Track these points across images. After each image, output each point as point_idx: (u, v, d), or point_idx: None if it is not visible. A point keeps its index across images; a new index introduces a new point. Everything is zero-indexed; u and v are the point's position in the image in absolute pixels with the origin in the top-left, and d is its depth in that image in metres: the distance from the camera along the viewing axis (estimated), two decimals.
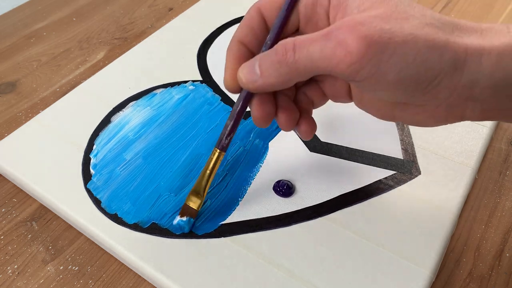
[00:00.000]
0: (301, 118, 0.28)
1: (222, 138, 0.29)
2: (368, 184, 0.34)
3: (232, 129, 0.28)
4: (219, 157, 0.30)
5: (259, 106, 0.27)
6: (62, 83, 0.46)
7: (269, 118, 0.27)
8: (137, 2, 0.57)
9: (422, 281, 0.28)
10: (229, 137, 0.29)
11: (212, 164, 0.30)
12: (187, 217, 0.31)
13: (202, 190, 0.31)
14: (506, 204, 0.34)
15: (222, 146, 0.29)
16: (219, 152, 0.29)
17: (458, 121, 0.24)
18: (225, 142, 0.29)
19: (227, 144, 0.29)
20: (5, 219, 0.34)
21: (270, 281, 0.29)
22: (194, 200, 0.31)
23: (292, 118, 0.27)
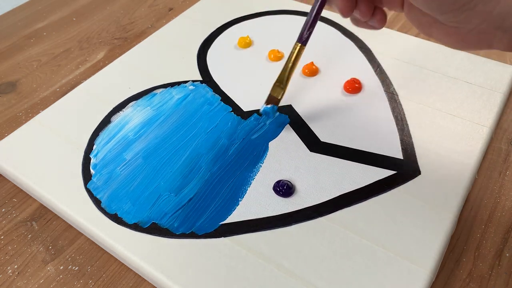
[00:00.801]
0: (375, 10, 0.31)
1: (303, 32, 0.32)
2: (368, 184, 0.34)
3: (313, 24, 0.32)
4: (300, 50, 0.33)
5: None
6: (62, 83, 0.46)
7: (350, 9, 0.30)
8: (137, 2, 0.58)
9: (422, 281, 0.28)
10: (309, 31, 0.32)
11: (294, 56, 0.33)
12: (272, 104, 0.36)
13: (284, 80, 0.34)
14: (506, 204, 0.34)
15: (302, 40, 0.32)
16: (300, 45, 0.33)
17: (486, 49, 0.26)
18: (305, 36, 0.32)
19: (307, 37, 0.32)
20: (5, 219, 0.34)
21: (270, 281, 0.29)
22: (277, 91, 0.35)
23: (371, 6, 0.31)
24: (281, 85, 0.35)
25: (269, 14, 0.52)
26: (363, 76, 0.43)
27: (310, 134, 0.38)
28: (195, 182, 0.34)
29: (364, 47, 0.46)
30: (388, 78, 0.43)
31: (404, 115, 0.39)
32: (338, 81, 0.43)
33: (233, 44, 0.48)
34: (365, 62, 0.45)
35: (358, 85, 0.41)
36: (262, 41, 0.48)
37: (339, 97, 0.41)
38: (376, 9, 0.31)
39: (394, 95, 0.41)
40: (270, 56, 0.46)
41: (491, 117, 0.39)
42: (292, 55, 0.33)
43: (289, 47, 0.46)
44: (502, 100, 0.40)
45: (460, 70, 0.43)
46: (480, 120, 0.38)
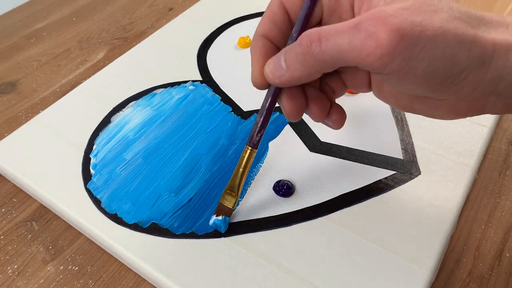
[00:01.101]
0: (330, 108, 0.28)
1: (253, 135, 0.29)
2: (368, 184, 0.34)
3: (263, 126, 0.28)
4: (251, 154, 0.30)
5: (290, 100, 0.26)
6: (62, 83, 0.46)
7: (300, 111, 0.27)
8: (137, 2, 0.58)
9: (422, 281, 0.28)
10: (259, 134, 0.29)
11: (245, 162, 0.30)
12: (223, 216, 0.31)
13: (236, 188, 0.31)
14: (506, 204, 0.34)
15: (253, 144, 0.29)
16: (251, 149, 0.29)
17: (478, 115, 0.24)
18: (255, 139, 0.29)
19: (258, 141, 0.29)
20: (5, 219, 0.34)
21: (270, 281, 0.29)
22: (229, 199, 0.31)
23: (324, 108, 0.27)
24: (232, 193, 0.31)
25: None
26: None
27: (310, 134, 0.38)
28: (195, 182, 0.34)
29: None
30: None
31: (404, 115, 0.39)
32: None
33: (233, 44, 0.48)
34: None
35: None
36: None
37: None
38: (332, 107, 0.28)
39: None
40: None
41: (491, 117, 0.39)
42: (243, 160, 0.30)
43: None
44: None
45: None
46: (480, 120, 0.38)
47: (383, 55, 0.21)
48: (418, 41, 0.20)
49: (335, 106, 0.28)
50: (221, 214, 0.31)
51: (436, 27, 0.21)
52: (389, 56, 0.21)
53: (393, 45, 0.20)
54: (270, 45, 0.27)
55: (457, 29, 0.21)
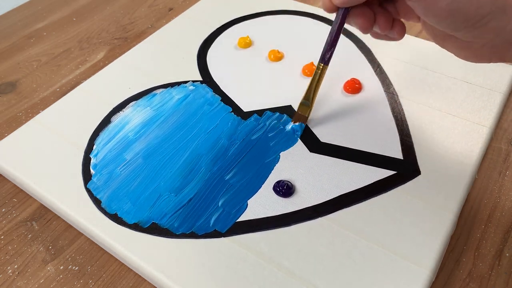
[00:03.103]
0: (394, 22, 0.31)
1: (324, 53, 0.34)
2: (368, 184, 0.34)
3: (333, 44, 0.33)
4: (323, 70, 0.35)
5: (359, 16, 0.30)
6: (62, 83, 0.46)
7: (370, 23, 0.31)
8: (137, 2, 0.58)
9: (422, 281, 0.28)
10: (330, 52, 0.34)
11: (318, 76, 0.35)
12: (299, 122, 0.37)
13: (310, 99, 0.36)
14: (506, 204, 0.34)
15: (325, 61, 0.34)
16: (323, 66, 0.35)
17: (500, 62, 0.27)
18: (327, 56, 0.34)
19: (329, 58, 0.34)
20: (5, 219, 0.34)
21: (270, 281, 0.29)
22: (304, 109, 0.37)
23: (389, 20, 0.31)
24: (307, 102, 0.36)
25: (269, 14, 0.52)
26: (363, 76, 0.43)
27: (310, 134, 0.38)
28: (195, 182, 0.34)
29: (364, 47, 0.46)
30: (388, 78, 0.43)
31: (404, 115, 0.39)
32: (338, 81, 0.43)
33: (233, 44, 0.48)
34: (365, 62, 0.45)
35: (358, 85, 0.41)
36: (262, 41, 0.48)
37: (339, 97, 0.41)
38: (395, 21, 0.31)
39: (394, 95, 0.41)
40: (270, 56, 0.46)
41: (491, 117, 0.39)
42: (317, 75, 0.35)
43: (289, 47, 0.47)
44: (502, 100, 0.40)
45: (460, 70, 0.43)
46: (480, 120, 0.38)
47: None
48: None
49: (397, 20, 0.32)
50: (298, 121, 0.37)
51: None
52: None
53: None
54: None
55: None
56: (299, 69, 0.44)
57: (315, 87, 0.36)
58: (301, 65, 0.44)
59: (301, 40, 0.48)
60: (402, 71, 0.43)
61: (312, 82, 0.36)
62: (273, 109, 0.40)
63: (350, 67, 0.44)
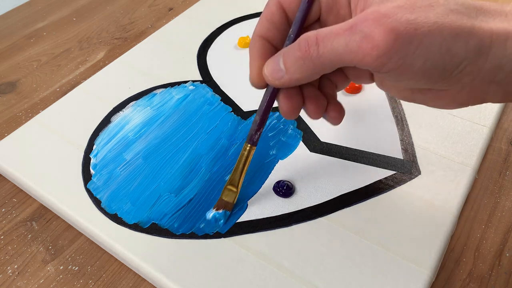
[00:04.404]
0: (329, 104, 0.28)
1: (252, 133, 0.30)
2: (368, 184, 0.34)
3: (261, 124, 0.29)
4: (250, 151, 0.31)
5: (287, 99, 0.27)
6: (62, 83, 0.46)
7: (297, 110, 0.27)
8: (137, 2, 0.58)
9: (422, 281, 0.28)
10: (258, 132, 0.30)
11: (244, 158, 0.31)
12: (223, 209, 0.32)
13: (236, 184, 0.32)
14: (506, 204, 0.34)
15: (252, 141, 0.30)
16: (250, 146, 0.31)
17: (479, 103, 0.24)
18: (255, 137, 0.30)
19: (257, 139, 0.30)
20: (5, 219, 0.34)
21: (270, 281, 0.29)
22: (229, 194, 0.32)
23: (321, 106, 0.28)
24: (233, 188, 0.32)
25: None
26: None
27: (310, 134, 0.38)
28: (195, 182, 0.34)
29: None
30: None
31: (404, 115, 0.39)
32: None
33: (233, 44, 0.48)
34: None
35: (358, 85, 0.41)
36: None
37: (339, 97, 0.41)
38: (330, 104, 0.28)
39: None
40: None
41: (491, 117, 0.39)
42: (242, 157, 0.31)
43: None
44: None
45: None
46: (480, 120, 0.38)
47: (379, 56, 0.21)
48: (413, 39, 0.21)
49: (333, 103, 0.29)
50: (222, 209, 0.32)
51: (431, 23, 0.21)
52: (385, 56, 0.21)
53: (388, 45, 0.21)
54: (268, 46, 0.27)
55: (453, 22, 0.21)
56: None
57: (242, 170, 0.31)
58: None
59: None
60: None
61: (238, 165, 0.31)
62: (273, 109, 0.40)
63: None
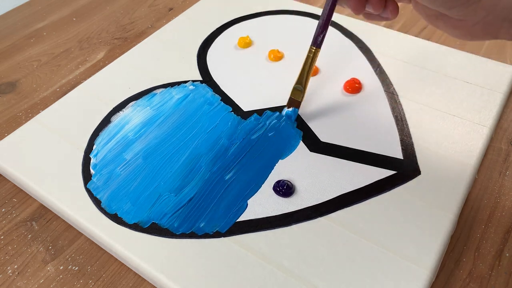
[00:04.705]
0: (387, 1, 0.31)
1: (317, 36, 0.33)
2: (368, 184, 0.34)
3: (325, 26, 0.33)
4: (315, 53, 0.34)
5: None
6: (62, 83, 0.46)
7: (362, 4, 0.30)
8: (137, 2, 0.58)
9: (422, 281, 0.28)
10: (322, 34, 0.33)
11: (310, 60, 0.35)
12: (293, 107, 0.37)
13: (303, 83, 0.36)
14: (506, 204, 0.34)
15: (317, 44, 0.34)
16: (315, 49, 0.34)
17: (493, 39, 0.26)
18: (319, 39, 0.33)
19: (321, 41, 0.33)
20: (5, 219, 0.34)
21: (270, 281, 0.29)
22: (297, 93, 0.37)
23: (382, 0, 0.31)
24: (300, 87, 0.36)
25: (269, 14, 0.52)
26: (363, 76, 0.43)
27: (310, 134, 0.38)
28: (195, 182, 0.34)
29: (364, 47, 0.46)
30: (388, 78, 0.43)
31: (404, 115, 0.39)
32: (338, 81, 0.43)
33: (233, 44, 0.48)
34: (365, 62, 0.45)
35: (358, 85, 0.41)
36: (262, 41, 0.48)
37: (339, 97, 0.41)
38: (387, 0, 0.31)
39: (394, 95, 0.41)
40: (270, 56, 0.46)
41: (491, 117, 0.39)
42: (309, 59, 0.35)
43: (289, 47, 0.47)
44: (502, 100, 0.40)
45: (460, 70, 0.43)
46: (480, 120, 0.38)
47: None
48: None
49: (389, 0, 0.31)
50: (292, 106, 0.37)
51: None
52: None
53: None
54: None
55: None
56: (299, 69, 0.44)
57: (308, 71, 0.35)
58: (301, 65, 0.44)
59: (301, 40, 0.48)
60: (402, 71, 0.43)
61: (305, 66, 0.35)
62: (273, 109, 0.40)
63: (350, 67, 0.44)
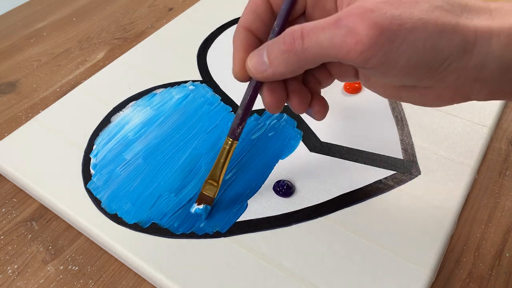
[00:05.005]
0: (313, 100, 0.28)
1: (234, 127, 0.29)
2: (368, 184, 0.34)
3: (243, 118, 0.29)
4: (232, 145, 0.30)
5: (270, 93, 0.26)
6: (62, 83, 0.46)
7: (281, 104, 0.27)
8: (137, 2, 0.58)
9: (422, 281, 0.28)
10: (240, 126, 0.29)
11: (226, 152, 0.31)
12: (204, 204, 0.32)
13: (217, 178, 0.31)
14: (506, 204, 0.34)
15: (234, 136, 0.30)
16: (232, 141, 0.30)
17: (464, 101, 0.24)
18: (237, 131, 0.29)
19: (239, 133, 0.30)
20: (5, 219, 0.34)
21: (270, 281, 0.29)
22: (210, 188, 0.32)
23: (305, 100, 0.27)
24: (214, 183, 0.32)
25: None
26: None
27: (310, 134, 0.38)
28: (195, 182, 0.34)
29: None
30: None
31: (404, 115, 0.39)
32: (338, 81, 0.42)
33: None
34: None
35: (358, 85, 0.41)
36: None
37: (339, 97, 0.41)
38: (314, 98, 0.28)
39: None
40: None
41: (491, 117, 0.39)
42: (224, 151, 0.31)
43: None
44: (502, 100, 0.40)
45: None
46: (480, 120, 0.38)
47: (363, 51, 0.21)
48: (398, 34, 0.21)
49: (317, 98, 0.28)
50: (202, 203, 0.32)
51: (416, 19, 0.21)
52: (369, 51, 0.21)
53: (372, 40, 0.21)
54: (252, 38, 0.27)
55: (438, 19, 0.21)
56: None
57: (223, 164, 0.31)
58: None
59: None
60: None
61: (220, 159, 0.31)
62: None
63: None
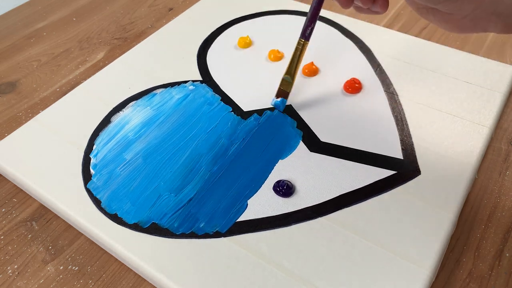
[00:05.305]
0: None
1: (305, 29, 0.35)
2: (368, 184, 0.34)
3: (313, 18, 0.34)
4: (304, 46, 0.36)
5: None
6: (62, 83, 0.46)
7: None
8: (137, 2, 0.58)
9: (422, 281, 0.28)
10: (310, 27, 0.35)
11: (299, 52, 0.37)
12: (281, 98, 0.38)
13: (292, 74, 0.37)
14: (506, 204, 0.34)
15: (305, 36, 0.36)
16: (304, 41, 0.36)
17: (482, 32, 0.28)
18: (308, 32, 0.35)
19: (309, 33, 0.35)
20: (5, 219, 0.34)
21: (270, 281, 0.29)
22: (286, 84, 0.38)
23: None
24: (289, 78, 0.37)
25: (269, 14, 0.52)
26: (363, 76, 0.43)
27: (310, 134, 0.38)
28: (195, 182, 0.34)
29: (364, 47, 0.46)
30: (388, 78, 0.43)
31: (404, 115, 0.39)
32: (338, 81, 0.43)
33: (233, 44, 0.48)
34: (365, 62, 0.45)
35: (358, 85, 0.41)
36: (262, 41, 0.48)
37: (339, 97, 0.41)
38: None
39: (394, 95, 0.41)
40: (270, 56, 0.46)
41: (491, 117, 0.39)
42: (298, 51, 0.36)
43: (289, 47, 0.46)
44: (502, 100, 0.40)
45: (460, 70, 0.43)
46: (480, 120, 0.38)
47: None
48: None
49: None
50: (280, 97, 0.38)
51: None
52: None
53: None
54: None
55: None
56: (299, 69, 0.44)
57: (297, 63, 0.37)
58: (301, 65, 0.44)
59: None
60: (402, 71, 0.43)
61: (294, 58, 0.37)
62: (273, 109, 0.40)
63: (350, 67, 0.44)
